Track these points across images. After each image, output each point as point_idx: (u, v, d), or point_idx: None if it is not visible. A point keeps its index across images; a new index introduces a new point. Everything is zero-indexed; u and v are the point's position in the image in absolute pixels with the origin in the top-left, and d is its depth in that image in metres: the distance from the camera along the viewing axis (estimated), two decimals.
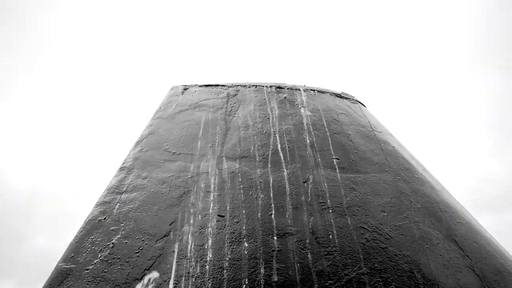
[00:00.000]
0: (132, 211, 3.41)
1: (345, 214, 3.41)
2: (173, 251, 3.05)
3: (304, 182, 3.70)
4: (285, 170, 3.84)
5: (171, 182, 3.72)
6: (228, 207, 3.46)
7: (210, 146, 4.16)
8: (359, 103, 5.22)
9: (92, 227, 3.27)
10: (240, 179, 3.75)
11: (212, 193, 3.60)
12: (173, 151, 4.10)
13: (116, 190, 3.63)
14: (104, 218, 3.34)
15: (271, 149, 4.10)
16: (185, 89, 5.18)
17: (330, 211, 3.44)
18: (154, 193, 3.60)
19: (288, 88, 5.09)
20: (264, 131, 4.34)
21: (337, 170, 3.87)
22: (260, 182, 3.71)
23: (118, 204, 3.48)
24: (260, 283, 2.86)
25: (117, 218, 3.34)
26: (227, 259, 3.01)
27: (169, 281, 2.86)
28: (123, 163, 3.96)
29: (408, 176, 3.92)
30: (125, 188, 3.66)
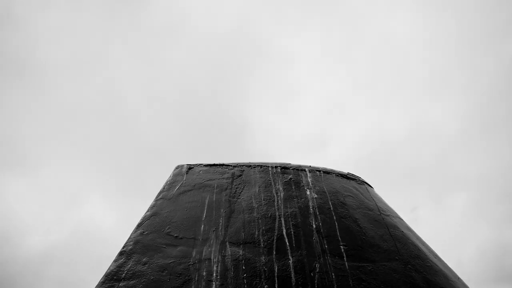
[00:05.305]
0: None
1: None
2: None
3: (310, 272, 3.54)
4: (291, 258, 3.69)
5: (172, 269, 3.57)
6: None
7: (214, 230, 4.04)
8: (366, 184, 5.15)
9: None
10: (243, 267, 3.59)
11: (214, 283, 3.44)
12: (175, 235, 3.98)
13: (115, 277, 3.48)
14: None
15: (276, 234, 3.97)
16: (190, 168, 5.16)
17: None
18: (154, 281, 3.44)
19: (293, 169, 5.06)
20: (269, 215, 4.24)
21: (344, 258, 3.71)
22: (265, 270, 3.55)
23: None
24: None
25: None
26: None
27: None
28: (123, 247, 3.84)
29: (419, 265, 3.74)
30: (123, 275, 3.51)
